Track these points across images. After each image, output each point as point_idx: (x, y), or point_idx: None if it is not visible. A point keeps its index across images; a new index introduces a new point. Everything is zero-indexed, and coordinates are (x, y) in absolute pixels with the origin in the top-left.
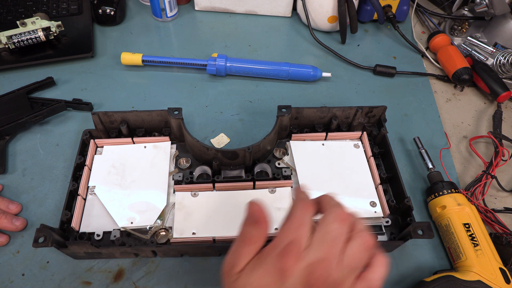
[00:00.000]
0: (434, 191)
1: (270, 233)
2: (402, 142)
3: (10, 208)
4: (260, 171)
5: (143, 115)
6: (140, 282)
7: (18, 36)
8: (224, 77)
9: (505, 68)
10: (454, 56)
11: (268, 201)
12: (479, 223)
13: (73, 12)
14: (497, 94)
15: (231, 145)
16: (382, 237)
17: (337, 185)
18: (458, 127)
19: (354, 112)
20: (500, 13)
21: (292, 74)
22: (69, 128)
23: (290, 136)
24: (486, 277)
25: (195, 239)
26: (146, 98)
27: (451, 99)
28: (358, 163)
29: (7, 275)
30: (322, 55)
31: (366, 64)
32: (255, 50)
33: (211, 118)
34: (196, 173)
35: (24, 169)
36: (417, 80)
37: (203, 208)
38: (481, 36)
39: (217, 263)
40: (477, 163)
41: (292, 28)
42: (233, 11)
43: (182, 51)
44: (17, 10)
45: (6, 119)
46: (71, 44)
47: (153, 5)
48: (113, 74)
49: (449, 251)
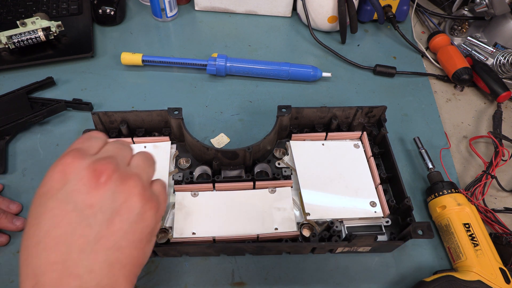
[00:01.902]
0: (434, 191)
1: (268, 233)
2: (402, 142)
3: (10, 208)
4: (260, 171)
5: (143, 115)
6: (140, 282)
7: (18, 36)
8: (224, 77)
9: (505, 68)
10: (454, 56)
11: (268, 201)
12: (479, 223)
13: (73, 12)
14: (497, 94)
15: (231, 145)
16: (382, 237)
17: (337, 185)
18: (458, 127)
19: (354, 112)
20: (500, 13)
21: (292, 74)
22: (69, 128)
23: (290, 136)
24: (486, 277)
25: (195, 239)
26: (146, 98)
27: (451, 99)
28: (358, 163)
29: (7, 275)
30: (322, 55)
31: (366, 64)
32: (255, 50)
33: (211, 118)
34: (196, 173)
35: (24, 169)
36: (417, 80)
37: (203, 208)
38: (481, 36)
39: (217, 263)
40: (477, 163)
41: (292, 28)
42: (233, 11)
43: (182, 51)
44: (17, 10)
45: (6, 119)
46: (71, 44)
47: (153, 5)
48: (113, 74)
49: (449, 251)
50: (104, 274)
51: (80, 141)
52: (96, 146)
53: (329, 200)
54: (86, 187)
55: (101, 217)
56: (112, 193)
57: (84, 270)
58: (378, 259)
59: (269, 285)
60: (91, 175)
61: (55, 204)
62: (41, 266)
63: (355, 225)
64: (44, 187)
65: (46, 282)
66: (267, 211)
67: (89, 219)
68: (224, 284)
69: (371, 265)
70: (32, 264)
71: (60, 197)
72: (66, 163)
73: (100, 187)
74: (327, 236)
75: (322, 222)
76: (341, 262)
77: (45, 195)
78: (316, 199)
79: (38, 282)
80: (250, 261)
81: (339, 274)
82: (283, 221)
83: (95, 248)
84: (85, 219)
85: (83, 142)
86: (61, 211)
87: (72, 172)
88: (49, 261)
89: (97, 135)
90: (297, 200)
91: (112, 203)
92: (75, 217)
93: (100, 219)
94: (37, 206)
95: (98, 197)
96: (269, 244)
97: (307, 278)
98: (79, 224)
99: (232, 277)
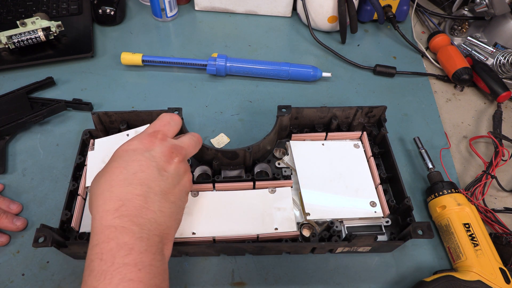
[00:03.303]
0: (434, 191)
1: (268, 233)
2: (402, 142)
3: (11, 208)
4: (260, 171)
5: (143, 115)
6: None
7: (18, 36)
8: (224, 77)
9: (505, 68)
10: (454, 56)
11: (268, 201)
12: (479, 223)
13: (73, 12)
14: (497, 94)
15: (231, 145)
16: (382, 237)
17: (337, 185)
18: (458, 127)
19: (354, 112)
20: (500, 13)
21: (292, 74)
22: (69, 128)
23: (290, 136)
24: (486, 277)
25: (195, 239)
26: (146, 98)
27: (451, 99)
28: (358, 163)
29: (7, 275)
30: (322, 55)
31: (366, 64)
32: (255, 50)
33: (211, 118)
34: (196, 173)
35: (24, 169)
36: (417, 80)
37: (203, 208)
38: (481, 36)
39: (217, 263)
40: (477, 163)
41: (292, 28)
42: (233, 11)
43: (182, 51)
44: (17, 10)
45: (6, 119)
46: (71, 44)
47: (153, 5)
48: (113, 74)
49: (449, 251)
50: (167, 218)
51: (161, 124)
52: (173, 131)
53: (329, 200)
54: (165, 158)
55: (171, 180)
56: (178, 170)
57: (157, 208)
58: (378, 259)
59: (269, 285)
60: (169, 153)
61: (142, 158)
62: (128, 194)
63: (355, 225)
64: (131, 145)
65: (131, 206)
66: (267, 211)
67: (163, 177)
68: (224, 284)
69: (371, 265)
70: (117, 192)
71: (146, 155)
72: (154, 138)
73: (172, 163)
74: (327, 236)
75: (322, 222)
76: (341, 262)
77: (133, 151)
78: (316, 199)
79: (124, 205)
80: (250, 261)
81: (339, 274)
82: (283, 221)
83: (165, 197)
84: (161, 176)
85: (164, 125)
86: (147, 163)
87: (158, 145)
88: (134, 193)
89: (174, 120)
90: (297, 200)
91: (177, 176)
92: (156, 172)
93: (170, 181)
94: (124, 155)
95: (170, 168)
96: (269, 244)
97: (307, 278)
98: (157, 177)
99: (232, 277)
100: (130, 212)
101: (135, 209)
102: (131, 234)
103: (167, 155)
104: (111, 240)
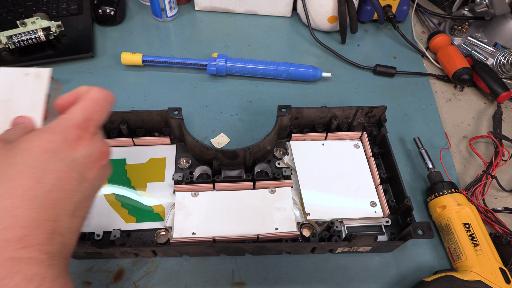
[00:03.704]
0: (434, 191)
1: (268, 233)
2: (402, 142)
3: None
4: (260, 171)
5: (143, 115)
6: (140, 282)
7: (18, 36)
8: (224, 77)
9: (505, 68)
10: (454, 56)
11: (268, 201)
12: (479, 223)
13: (73, 12)
14: (497, 94)
15: (231, 145)
16: (382, 237)
17: (337, 185)
18: (458, 127)
19: (354, 112)
20: (500, 13)
21: (292, 74)
22: None
23: (290, 136)
24: (486, 277)
25: (195, 239)
26: (146, 98)
27: (451, 99)
28: (358, 163)
29: None
30: (322, 55)
31: (366, 64)
32: (255, 50)
33: (211, 118)
34: (196, 173)
35: None
36: (417, 80)
37: (203, 208)
38: (481, 36)
39: (217, 263)
40: (477, 163)
41: (292, 28)
42: (233, 11)
43: (182, 51)
44: (17, 10)
45: None
46: (71, 44)
47: (153, 5)
48: (113, 74)
49: (449, 251)
50: (75, 235)
51: (93, 107)
52: (105, 117)
53: (329, 200)
54: (90, 164)
55: (90, 191)
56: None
57: (66, 231)
58: (378, 259)
59: (269, 285)
60: (97, 158)
61: (63, 167)
62: (36, 221)
63: (355, 225)
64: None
65: (39, 234)
66: (267, 211)
67: (81, 189)
68: (224, 284)
69: (371, 265)
70: (22, 217)
71: (69, 162)
72: (83, 133)
73: (96, 169)
74: (327, 236)
75: (322, 222)
76: (341, 262)
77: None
78: (316, 199)
79: (31, 234)
80: (250, 261)
81: (339, 274)
82: (283, 221)
83: (76, 213)
84: (80, 188)
85: (97, 110)
86: (67, 176)
87: (85, 146)
88: (44, 218)
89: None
90: (297, 200)
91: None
92: (76, 185)
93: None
94: (40, 159)
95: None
96: (269, 244)
97: (307, 278)
98: (75, 192)
99: (232, 277)
100: (37, 241)
101: (44, 237)
102: (40, 264)
103: (94, 160)
104: (15, 274)
